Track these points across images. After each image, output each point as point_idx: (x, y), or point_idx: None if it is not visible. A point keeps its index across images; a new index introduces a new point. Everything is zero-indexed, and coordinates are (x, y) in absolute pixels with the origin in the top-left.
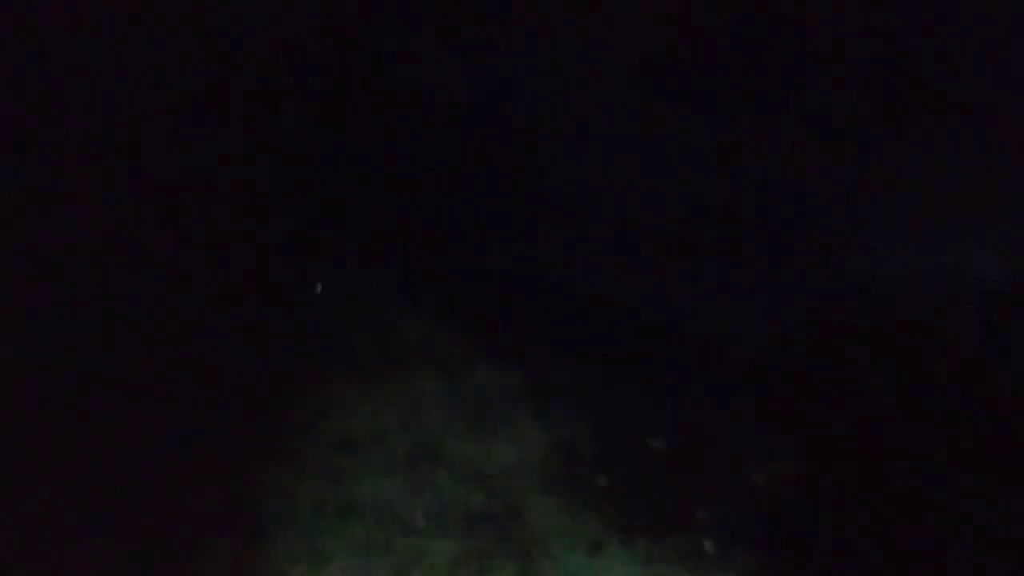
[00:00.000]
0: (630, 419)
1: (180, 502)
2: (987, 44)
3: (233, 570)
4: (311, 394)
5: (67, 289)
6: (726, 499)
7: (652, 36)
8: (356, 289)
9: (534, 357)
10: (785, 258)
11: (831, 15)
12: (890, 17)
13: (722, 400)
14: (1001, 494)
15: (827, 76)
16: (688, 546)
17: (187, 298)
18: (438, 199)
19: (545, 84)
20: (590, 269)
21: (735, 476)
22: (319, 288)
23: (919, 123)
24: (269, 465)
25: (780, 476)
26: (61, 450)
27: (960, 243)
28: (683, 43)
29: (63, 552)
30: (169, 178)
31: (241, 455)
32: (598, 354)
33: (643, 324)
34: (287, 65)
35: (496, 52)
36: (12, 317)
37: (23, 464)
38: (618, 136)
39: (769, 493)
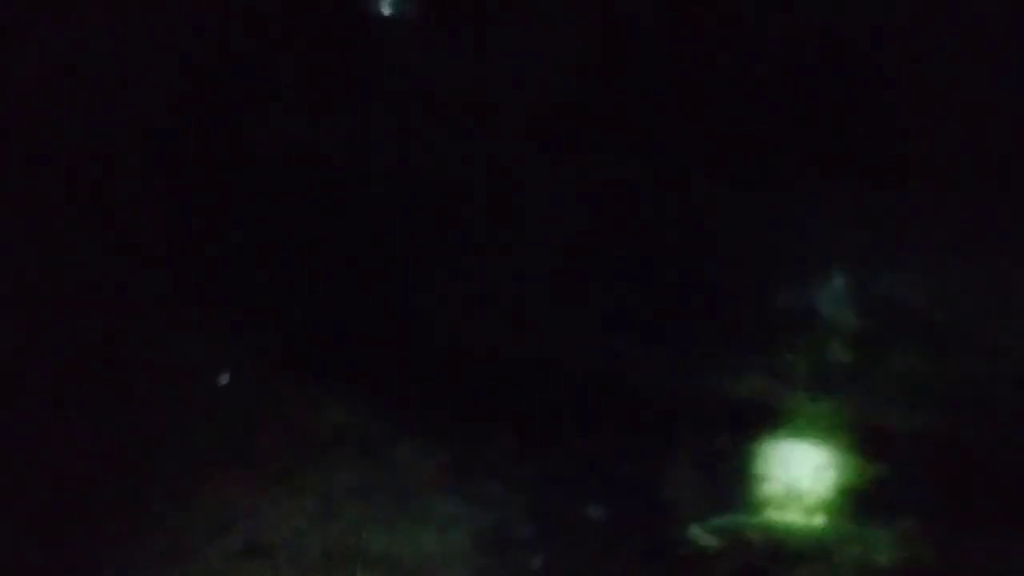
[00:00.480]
0: (566, 491)
1: None
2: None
3: None
4: (210, 500)
5: None
6: (668, 561)
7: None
8: (254, 377)
9: (462, 431)
10: (714, 300)
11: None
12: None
13: (662, 459)
14: None
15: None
16: None
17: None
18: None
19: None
20: (511, 328)
21: (675, 537)
22: (224, 379)
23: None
24: None
25: (728, 534)
26: None
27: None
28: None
29: None
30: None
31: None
32: (528, 420)
33: (572, 383)
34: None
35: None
36: None
37: None
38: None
39: (712, 548)
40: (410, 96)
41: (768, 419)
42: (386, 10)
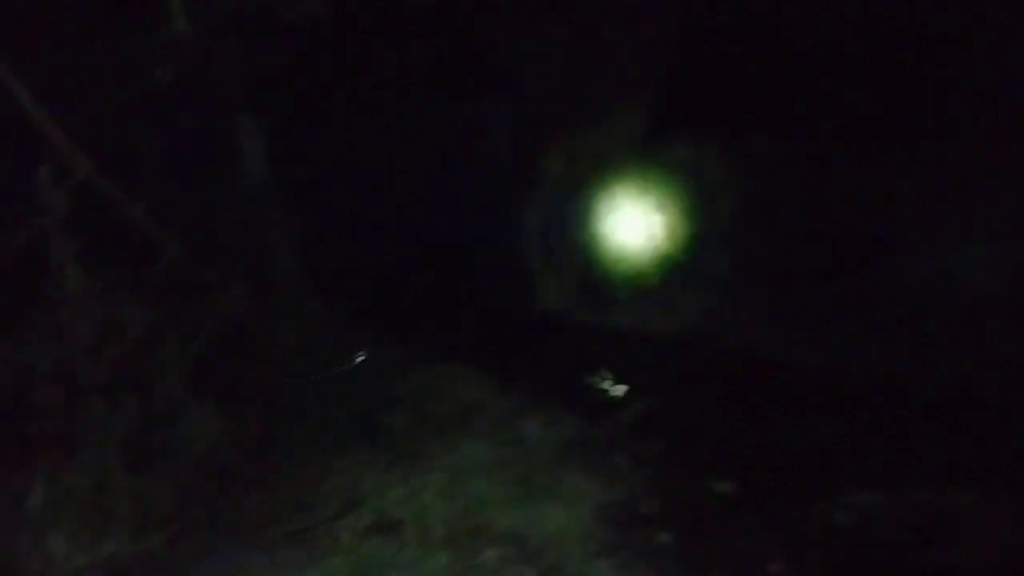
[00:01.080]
0: (692, 465)
1: None
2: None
3: None
4: (341, 478)
5: None
6: (802, 544)
7: None
8: (385, 360)
9: (587, 406)
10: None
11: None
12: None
13: (791, 432)
14: None
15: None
16: None
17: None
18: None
19: None
20: (637, 305)
21: (812, 516)
22: (359, 358)
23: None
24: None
25: (864, 511)
26: None
27: None
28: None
29: None
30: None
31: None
32: (654, 394)
33: (698, 359)
34: None
35: None
36: None
37: None
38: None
39: (852, 532)
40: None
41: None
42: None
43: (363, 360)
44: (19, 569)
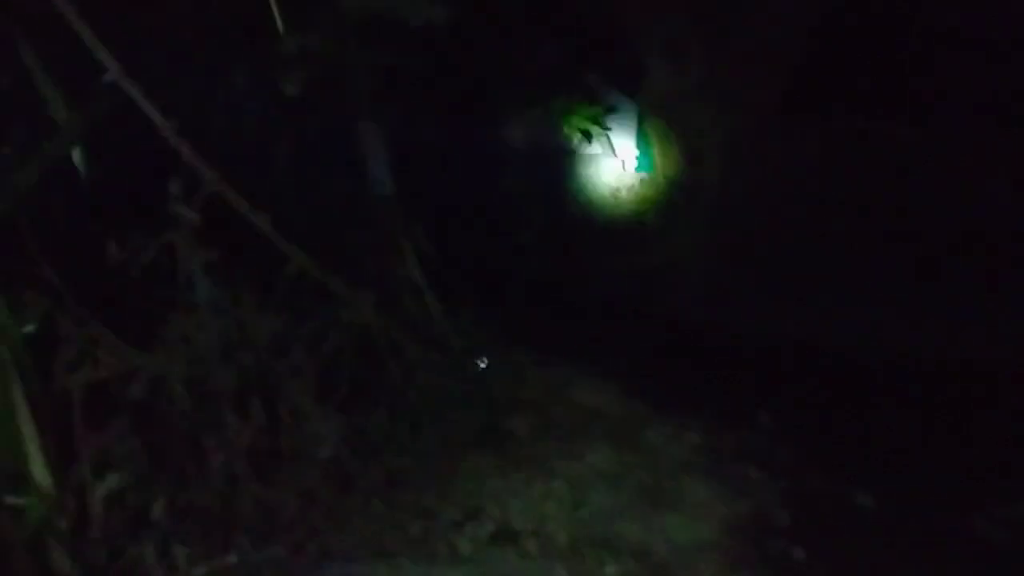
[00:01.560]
0: (827, 475)
1: None
2: None
3: None
4: (463, 485)
5: None
6: (949, 560)
7: None
8: (508, 365)
9: (714, 413)
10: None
11: None
12: None
13: (933, 438)
14: None
15: None
16: None
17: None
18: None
19: None
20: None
21: (959, 531)
22: (482, 364)
23: None
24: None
25: (1018, 526)
26: None
27: None
28: None
29: None
30: None
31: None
32: (788, 400)
33: (826, 364)
34: None
35: None
36: None
37: None
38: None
39: (1004, 548)
40: None
41: None
42: None
43: (487, 365)
44: None
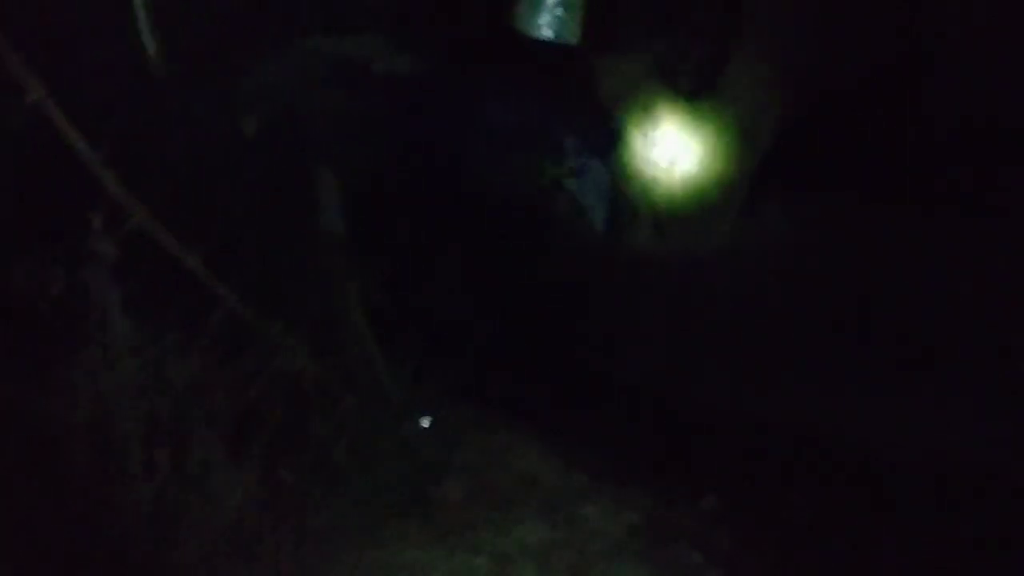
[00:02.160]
0: (774, 568)
1: None
2: None
3: None
4: (383, 549)
5: None
6: None
7: None
8: (444, 425)
9: (660, 488)
10: None
11: None
12: None
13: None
14: None
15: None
16: None
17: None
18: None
19: None
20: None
21: None
22: (423, 421)
23: None
24: None
25: None
26: None
27: None
28: None
29: None
30: None
31: None
32: (731, 481)
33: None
34: None
35: None
36: None
37: None
38: None
39: None
40: None
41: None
42: None
43: (428, 423)
44: None
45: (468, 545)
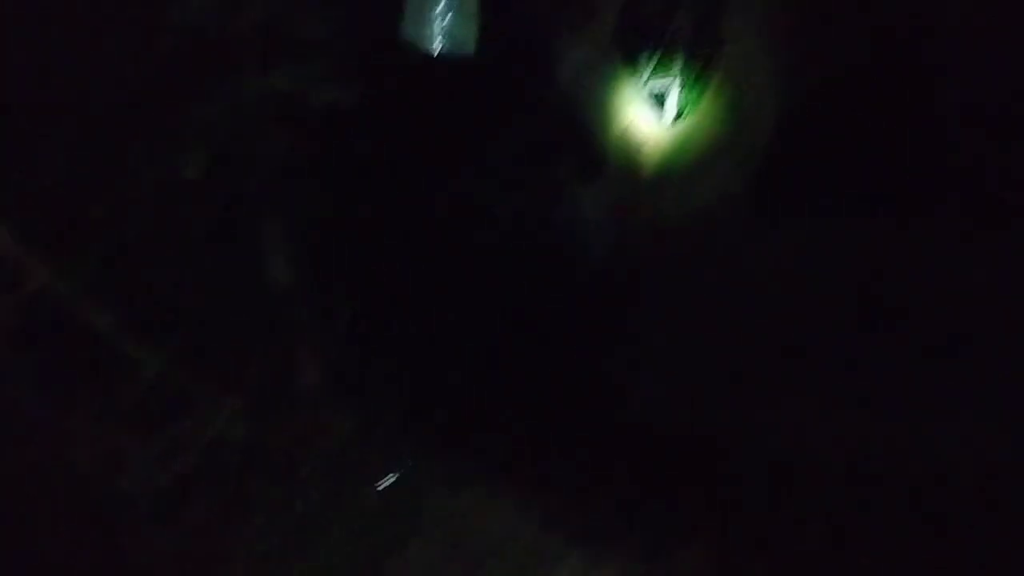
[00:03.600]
0: None
1: None
2: None
3: None
4: None
5: None
6: None
7: None
8: (414, 482)
9: (637, 545)
10: None
11: None
12: None
13: None
14: None
15: None
16: None
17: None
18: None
19: None
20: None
21: None
22: (388, 480)
23: None
24: None
25: None
26: None
27: None
28: None
29: None
30: None
31: None
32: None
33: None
34: None
35: None
36: None
37: None
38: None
39: None
40: None
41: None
42: None
43: (393, 482)
44: None
45: None
